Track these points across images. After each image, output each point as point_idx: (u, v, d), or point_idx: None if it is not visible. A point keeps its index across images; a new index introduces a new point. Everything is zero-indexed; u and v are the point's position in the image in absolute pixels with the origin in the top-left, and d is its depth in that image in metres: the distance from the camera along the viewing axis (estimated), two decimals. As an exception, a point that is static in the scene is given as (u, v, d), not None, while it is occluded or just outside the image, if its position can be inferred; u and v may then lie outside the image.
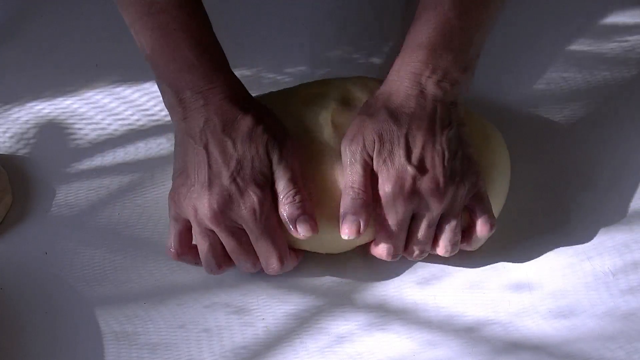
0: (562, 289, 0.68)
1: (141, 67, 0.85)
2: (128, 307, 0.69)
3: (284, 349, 0.66)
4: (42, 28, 0.89)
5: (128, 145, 0.80)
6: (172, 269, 0.71)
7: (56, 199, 0.76)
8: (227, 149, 0.65)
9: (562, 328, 0.66)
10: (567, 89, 0.82)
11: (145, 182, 0.77)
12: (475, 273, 0.70)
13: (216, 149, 0.65)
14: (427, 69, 0.65)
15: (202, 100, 0.66)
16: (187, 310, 0.68)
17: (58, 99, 0.83)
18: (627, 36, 0.85)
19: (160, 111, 0.82)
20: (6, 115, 0.82)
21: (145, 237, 0.73)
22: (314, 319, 0.67)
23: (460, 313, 0.67)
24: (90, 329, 0.68)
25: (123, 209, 0.75)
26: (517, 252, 0.71)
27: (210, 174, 0.65)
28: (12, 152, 0.79)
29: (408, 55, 0.66)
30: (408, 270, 0.70)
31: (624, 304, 0.67)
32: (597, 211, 0.73)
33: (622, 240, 0.71)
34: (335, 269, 0.70)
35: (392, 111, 0.65)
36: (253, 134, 0.65)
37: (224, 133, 0.65)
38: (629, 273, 0.69)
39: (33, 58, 0.87)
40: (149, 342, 0.67)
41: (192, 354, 0.66)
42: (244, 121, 0.66)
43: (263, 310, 0.68)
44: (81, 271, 0.71)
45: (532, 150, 0.77)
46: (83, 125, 0.81)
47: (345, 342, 0.66)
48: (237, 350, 0.66)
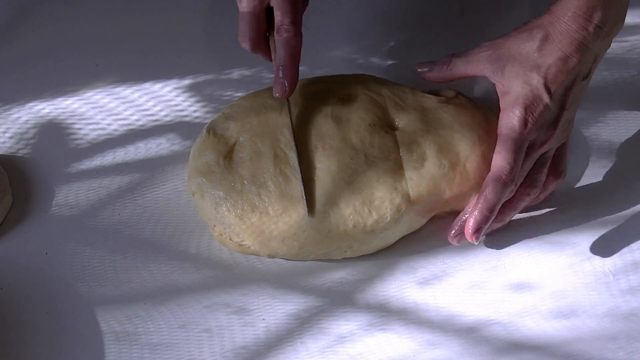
0: (562, 289, 0.68)
1: (141, 67, 0.85)
2: (128, 307, 0.68)
3: (285, 349, 0.66)
4: (42, 28, 0.89)
5: (128, 145, 0.79)
6: (172, 269, 0.71)
7: (56, 199, 0.76)
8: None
9: (563, 328, 0.66)
10: (567, 89, 0.82)
11: (145, 182, 0.77)
12: (476, 273, 0.70)
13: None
14: (596, 16, 0.66)
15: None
16: (187, 310, 0.68)
17: (58, 99, 0.83)
18: (627, 36, 0.85)
19: (160, 111, 0.82)
20: (6, 115, 0.82)
21: (145, 237, 0.73)
22: (315, 319, 0.67)
23: (461, 313, 0.67)
24: (90, 329, 0.68)
25: (123, 209, 0.75)
26: (517, 252, 0.71)
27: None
28: (12, 153, 0.79)
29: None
30: (408, 270, 0.70)
31: (625, 304, 0.67)
32: (597, 211, 0.73)
33: (622, 240, 0.71)
34: (336, 269, 0.70)
35: (548, 43, 0.67)
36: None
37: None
38: (629, 273, 0.69)
39: (33, 58, 0.87)
40: (149, 342, 0.67)
41: (192, 354, 0.66)
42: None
43: (263, 310, 0.68)
44: (81, 271, 0.71)
45: (532, 150, 0.77)
46: (83, 125, 0.81)
47: (346, 342, 0.66)
48: (238, 350, 0.66)
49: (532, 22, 0.69)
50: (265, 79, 0.84)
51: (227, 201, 0.69)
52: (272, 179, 0.69)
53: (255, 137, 0.71)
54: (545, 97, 0.67)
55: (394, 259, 0.71)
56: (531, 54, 0.67)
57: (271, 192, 0.68)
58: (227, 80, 0.84)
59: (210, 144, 0.72)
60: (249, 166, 0.70)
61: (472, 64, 0.71)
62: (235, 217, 0.69)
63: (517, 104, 0.67)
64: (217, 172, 0.70)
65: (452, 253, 0.71)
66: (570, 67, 0.66)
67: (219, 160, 0.71)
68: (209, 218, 0.71)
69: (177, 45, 0.87)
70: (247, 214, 0.68)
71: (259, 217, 0.68)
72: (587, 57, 0.67)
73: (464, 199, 0.70)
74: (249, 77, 0.83)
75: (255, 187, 0.69)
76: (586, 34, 0.66)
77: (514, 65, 0.68)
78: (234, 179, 0.70)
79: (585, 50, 0.66)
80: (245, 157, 0.70)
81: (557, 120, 0.68)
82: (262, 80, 0.84)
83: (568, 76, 0.67)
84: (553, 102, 0.67)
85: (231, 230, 0.69)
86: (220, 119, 0.74)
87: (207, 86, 0.83)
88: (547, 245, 0.71)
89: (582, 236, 0.71)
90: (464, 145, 0.70)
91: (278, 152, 0.70)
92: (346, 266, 0.70)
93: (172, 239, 0.73)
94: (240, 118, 0.73)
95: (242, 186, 0.69)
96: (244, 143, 0.71)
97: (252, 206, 0.68)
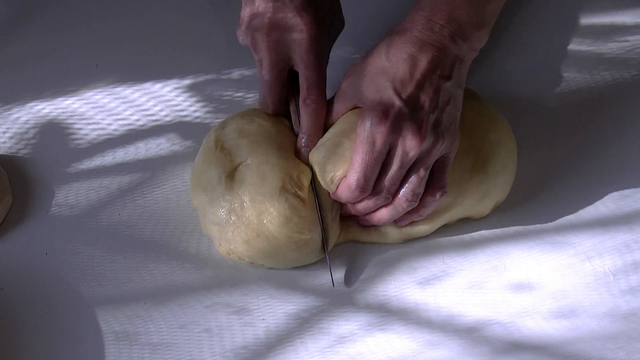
0: (562, 289, 0.68)
1: (141, 67, 0.85)
2: (129, 307, 0.68)
3: (285, 349, 0.66)
4: (42, 28, 0.89)
5: (128, 145, 0.79)
6: (172, 269, 0.71)
7: (56, 199, 0.76)
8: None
9: (563, 328, 0.66)
10: (567, 89, 0.82)
11: (145, 182, 0.77)
12: (476, 273, 0.70)
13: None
14: (442, 18, 0.65)
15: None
16: (187, 310, 0.68)
17: (58, 99, 0.83)
18: (627, 36, 0.85)
19: (160, 111, 0.82)
20: (6, 116, 0.82)
21: (145, 237, 0.73)
22: (315, 319, 0.67)
23: (461, 313, 0.67)
24: (90, 329, 0.68)
25: (123, 209, 0.75)
26: (517, 252, 0.71)
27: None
28: (12, 153, 0.79)
29: (426, 1, 0.66)
30: (409, 270, 0.70)
31: (625, 304, 0.67)
32: (597, 211, 0.73)
33: (622, 240, 0.71)
34: (336, 269, 0.70)
35: (393, 49, 0.65)
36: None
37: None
38: (629, 273, 0.69)
39: (33, 58, 0.87)
40: (149, 342, 0.67)
41: (192, 354, 0.66)
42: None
43: (263, 310, 0.68)
44: (81, 271, 0.71)
45: (531, 150, 0.77)
46: (83, 125, 0.81)
47: (346, 342, 0.66)
48: (238, 350, 0.66)
49: (385, 34, 0.67)
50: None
51: (229, 224, 0.67)
52: (275, 206, 0.67)
53: (266, 164, 0.68)
54: (397, 101, 0.64)
55: (394, 259, 0.71)
56: (380, 63, 0.65)
57: (274, 218, 0.67)
58: (227, 80, 0.84)
59: (215, 158, 0.70)
60: (251, 190, 0.67)
61: (340, 102, 0.69)
62: (241, 242, 0.68)
63: (367, 115, 0.64)
64: (219, 190, 0.68)
65: (452, 253, 0.71)
66: (419, 68, 0.64)
67: (221, 178, 0.68)
68: (213, 236, 0.70)
69: (177, 45, 0.87)
70: (252, 239, 0.67)
71: (266, 242, 0.67)
72: (443, 58, 0.65)
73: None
74: (249, 77, 0.83)
75: (256, 212, 0.67)
76: (432, 33, 0.64)
77: (366, 79, 0.66)
78: (234, 200, 0.68)
79: (438, 51, 0.64)
80: (248, 180, 0.68)
81: (420, 124, 0.64)
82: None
83: (420, 77, 0.64)
84: (408, 105, 0.64)
85: (240, 252, 0.68)
86: (232, 132, 0.71)
87: (207, 86, 0.83)
88: (547, 245, 0.71)
89: (582, 236, 0.71)
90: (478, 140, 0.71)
91: (287, 186, 0.67)
92: (347, 266, 0.70)
93: (172, 239, 0.73)
94: (255, 138, 0.70)
95: (243, 210, 0.67)
96: (251, 165, 0.68)
97: (257, 232, 0.67)
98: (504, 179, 0.71)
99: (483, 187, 0.70)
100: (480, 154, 0.70)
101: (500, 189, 0.71)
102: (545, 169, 0.76)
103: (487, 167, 0.70)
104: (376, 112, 0.64)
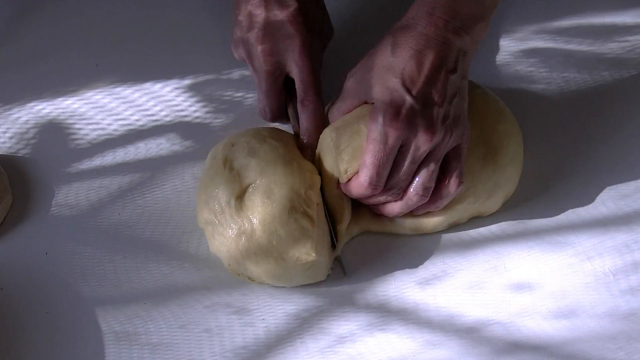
0: (562, 289, 0.68)
1: (141, 67, 0.85)
2: (129, 307, 0.69)
3: (285, 349, 0.66)
4: (42, 28, 0.89)
5: (128, 145, 0.79)
6: (172, 269, 0.71)
7: (56, 199, 0.76)
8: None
9: (563, 328, 0.66)
10: (567, 89, 0.82)
11: (145, 182, 0.77)
12: (476, 273, 0.70)
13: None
14: (445, 13, 0.65)
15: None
16: (187, 310, 0.68)
17: (58, 99, 0.83)
18: (627, 36, 0.85)
19: (160, 111, 0.82)
20: (6, 116, 0.82)
21: (145, 237, 0.73)
22: (315, 319, 0.67)
23: (461, 313, 0.67)
24: (90, 329, 0.68)
25: (123, 209, 0.75)
26: (517, 252, 0.71)
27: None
28: (12, 153, 0.79)
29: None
30: (409, 270, 0.70)
31: (624, 304, 0.67)
32: (597, 211, 0.73)
33: (622, 240, 0.71)
34: (336, 269, 0.70)
35: (398, 46, 0.65)
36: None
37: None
38: (629, 273, 0.69)
39: (33, 58, 0.87)
40: (149, 342, 0.67)
41: (192, 354, 0.66)
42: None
43: (263, 310, 0.68)
44: (81, 271, 0.71)
45: (531, 150, 0.77)
46: (83, 125, 0.81)
47: (346, 342, 0.66)
48: (238, 350, 0.66)
49: (387, 31, 0.68)
50: (265, 79, 0.84)
51: (239, 246, 0.67)
52: (284, 228, 0.66)
53: (274, 184, 0.67)
54: (407, 97, 0.64)
55: (394, 259, 0.71)
56: (386, 59, 0.66)
57: (284, 240, 0.66)
58: (227, 80, 0.84)
59: (224, 178, 0.69)
60: (260, 212, 0.67)
61: (347, 100, 0.69)
62: (251, 264, 0.67)
63: (378, 112, 0.64)
64: (227, 213, 0.68)
65: (452, 253, 0.71)
66: (426, 63, 0.65)
67: (230, 200, 0.68)
68: (222, 257, 0.69)
69: (177, 45, 0.87)
70: (262, 261, 0.67)
71: (275, 264, 0.67)
72: (448, 52, 0.65)
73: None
74: (249, 77, 0.83)
75: (265, 234, 0.66)
76: (436, 28, 0.65)
77: (374, 76, 0.66)
78: (244, 223, 0.67)
79: (442, 45, 0.65)
80: (258, 202, 0.67)
81: (431, 119, 0.64)
82: (262, 80, 0.83)
83: (428, 72, 0.65)
84: (418, 101, 0.64)
85: (249, 273, 0.68)
86: (241, 150, 0.70)
87: (207, 86, 0.83)
88: (547, 245, 0.71)
89: (582, 236, 0.71)
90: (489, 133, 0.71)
91: (296, 205, 0.67)
92: (346, 266, 0.70)
93: (172, 239, 0.73)
94: (265, 159, 0.69)
95: (253, 233, 0.67)
96: (259, 187, 0.68)
97: (266, 254, 0.66)
98: (513, 171, 0.72)
99: (495, 177, 0.71)
100: (490, 145, 0.71)
101: (510, 181, 0.72)
102: (545, 169, 0.76)
103: (497, 157, 0.71)
104: (388, 110, 0.64)
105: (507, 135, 0.72)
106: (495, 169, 0.70)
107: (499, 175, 0.71)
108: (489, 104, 0.73)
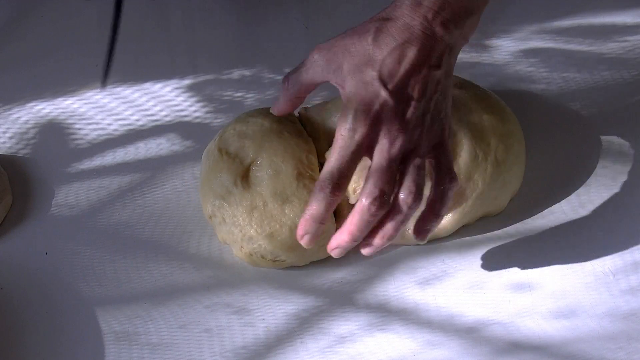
0: (562, 289, 0.68)
1: (141, 67, 0.85)
2: (128, 307, 0.68)
3: (285, 349, 0.66)
4: (42, 28, 0.89)
5: (128, 145, 0.80)
6: (172, 269, 0.71)
7: (56, 199, 0.76)
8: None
9: (563, 328, 0.66)
10: (567, 89, 0.82)
11: (145, 182, 0.77)
12: (475, 273, 0.70)
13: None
14: (434, 4, 0.61)
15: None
16: (187, 310, 0.68)
17: (58, 99, 0.83)
18: (627, 36, 0.85)
19: (160, 111, 0.82)
20: (6, 116, 0.82)
21: (145, 237, 0.73)
22: (315, 319, 0.67)
23: (461, 313, 0.67)
24: (90, 329, 0.68)
25: (123, 209, 0.75)
26: (517, 252, 0.71)
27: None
28: (12, 153, 0.79)
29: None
30: (408, 270, 0.70)
31: (624, 304, 0.67)
32: (597, 211, 0.73)
33: (622, 240, 0.71)
34: (336, 269, 0.70)
35: (381, 35, 0.62)
36: None
37: None
38: (629, 273, 0.69)
39: (33, 58, 0.87)
40: (149, 342, 0.67)
41: (192, 354, 0.66)
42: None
43: (263, 310, 0.68)
44: (81, 271, 0.71)
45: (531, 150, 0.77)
46: (83, 125, 0.81)
47: (346, 342, 0.66)
48: (238, 350, 0.66)
49: (372, 17, 0.64)
50: (265, 79, 0.84)
51: (252, 221, 0.67)
52: (295, 194, 0.68)
53: (275, 157, 0.68)
54: (383, 92, 0.61)
55: (394, 259, 0.71)
56: (366, 47, 0.62)
57: (296, 207, 0.67)
58: (227, 80, 0.84)
59: (224, 165, 0.69)
60: (269, 184, 0.68)
61: (310, 71, 0.65)
62: (265, 237, 0.67)
63: (350, 107, 0.61)
64: (236, 193, 0.68)
65: (452, 253, 0.71)
66: (407, 57, 0.61)
67: (236, 180, 0.68)
68: (233, 240, 0.69)
69: (177, 45, 0.87)
70: (277, 231, 0.67)
71: (289, 233, 0.67)
72: (433, 46, 0.61)
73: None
74: (249, 77, 0.83)
75: (278, 204, 0.67)
76: (423, 20, 0.61)
77: (350, 62, 0.62)
78: (255, 198, 0.68)
79: (428, 39, 0.61)
80: (264, 176, 0.68)
81: (404, 115, 0.61)
82: (262, 81, 0.84)
83: (408, 67, 0.61)
84: (394, 96, 0.61)
85: (263, 249, 0.68)
86: (232, 137, 0.71)
87: (207, 86, 0.83)
88: (547, 245, 0.71)
89: (582, 236, 0.71)
90: (494, 133, 0.71)
91: (301, 171, 0.68)
92: (346, 266, 0.70)
93: (172, 239, 0.73)
94: (258, 137, 0.70)
95: (265, 205, 0.67)
96: (262, 163, 0.69)
97: (280, 223, 0.67)
98: (518, 170, 0.72)
99: (502, 177, 0.70)
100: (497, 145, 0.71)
101: (515, 179, 0.72)
102: (545, 169, 0.76)
103: (503, 157, 0.71)
104: (360, 104, 0.61)
105: (511, 135, 0.72)
106: (502, 168, 0.71)
107: (505, 174, 0.71)
108: (491, 104, 0.73)
